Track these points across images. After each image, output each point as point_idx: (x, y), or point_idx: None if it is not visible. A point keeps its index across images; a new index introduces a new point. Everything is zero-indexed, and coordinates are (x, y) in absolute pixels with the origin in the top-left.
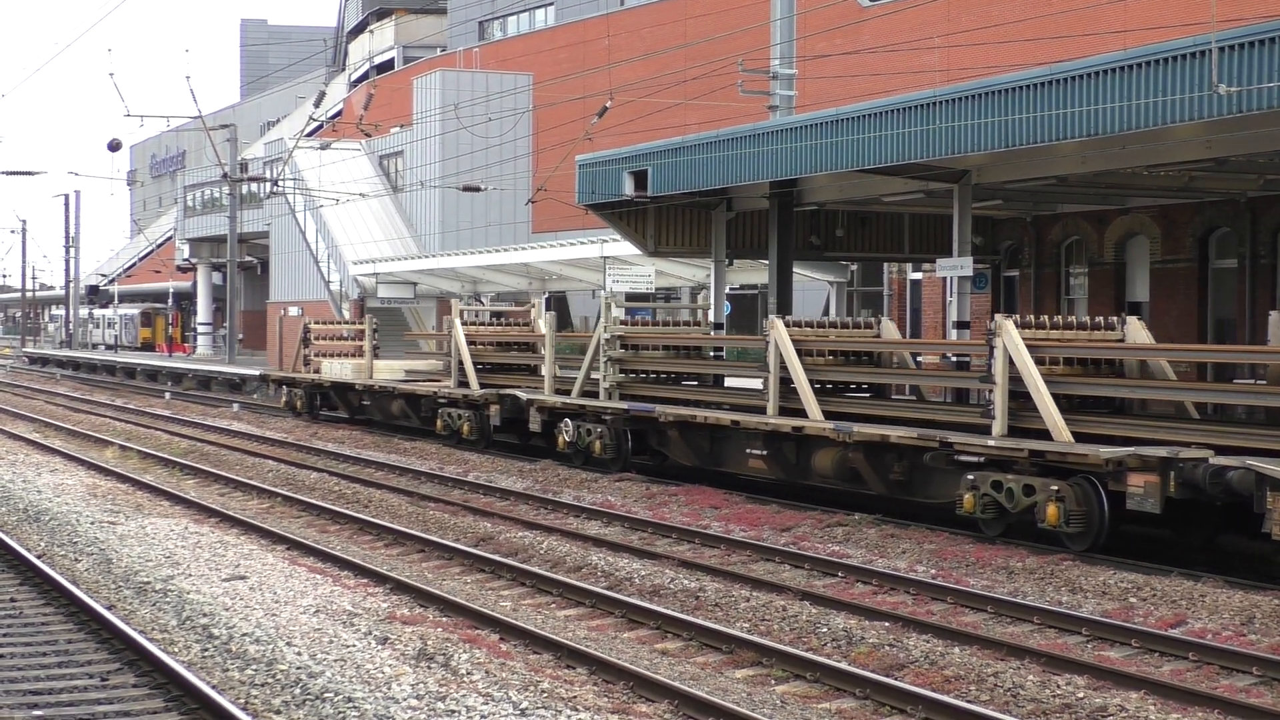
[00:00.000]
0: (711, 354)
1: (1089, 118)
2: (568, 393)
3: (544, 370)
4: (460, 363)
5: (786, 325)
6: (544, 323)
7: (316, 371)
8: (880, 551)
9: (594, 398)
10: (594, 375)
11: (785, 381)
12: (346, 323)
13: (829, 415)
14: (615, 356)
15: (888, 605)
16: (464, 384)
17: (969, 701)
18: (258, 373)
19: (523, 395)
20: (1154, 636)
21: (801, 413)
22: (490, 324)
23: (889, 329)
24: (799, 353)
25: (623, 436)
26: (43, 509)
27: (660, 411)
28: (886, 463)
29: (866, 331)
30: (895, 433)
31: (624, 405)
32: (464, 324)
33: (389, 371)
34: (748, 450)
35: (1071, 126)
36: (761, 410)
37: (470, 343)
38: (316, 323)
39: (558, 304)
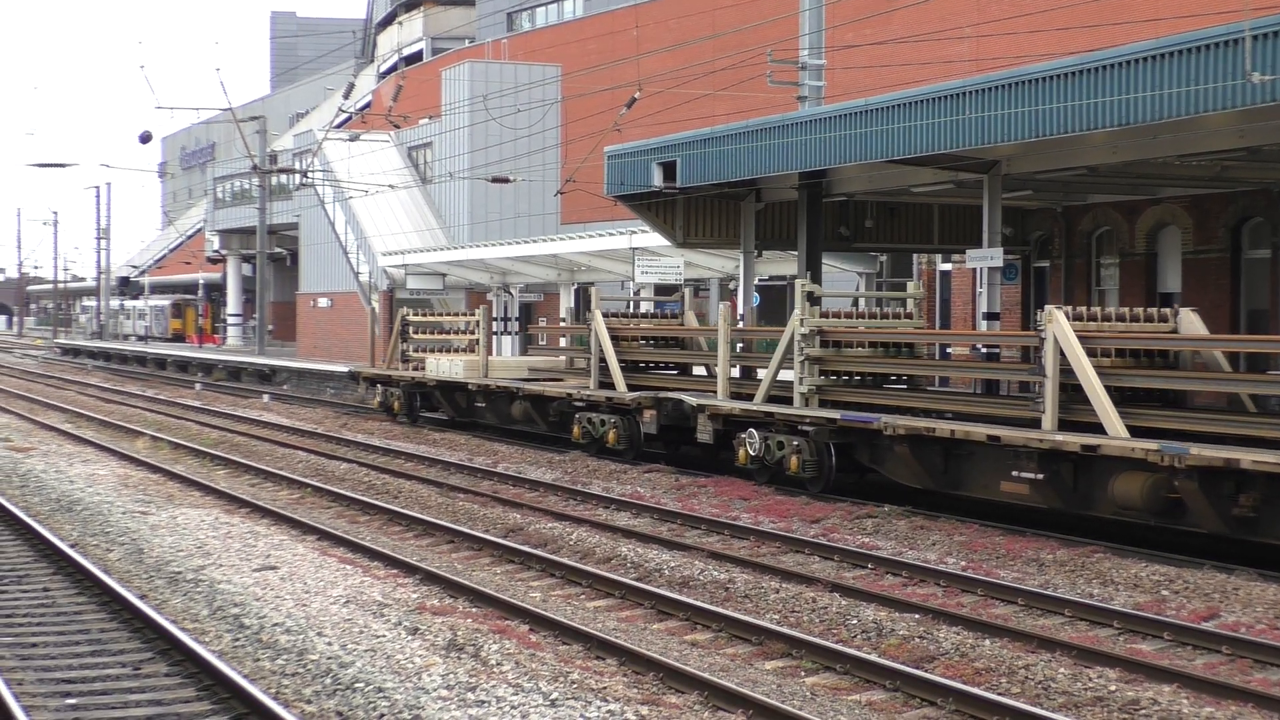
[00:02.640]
0: (927, 352)
1: (1120, 107)
2: (745, 396)
3: (716, 370)
4: (603, 361)
5: (1069, 317)
6: (720, 316)
7: (418, 369)
8: (910, 543)
9: (782, 403)
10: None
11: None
12: (453, 314)
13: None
14: (815, 355)
15: (918, 597)
16: (606, 385)
17: (1000, 694)
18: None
19: (691, 400)
20: (1187, 630)
21: (1087, 426)
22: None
23: (1189, 322)
24: (1086, 352)
25: (825, 451)
26: (75, 499)
27: (885, 423)
28: (1225, 493)
29: (1161, 326)
30: (1252, 457)
31: (831, 414)
32: (605, 316)
33: (505, 370)
34: (1012, 473)
35: (1102, 116)
36: (1023, 423)
37: (615, 338)
38: (416, 314)
39: (587, 295)
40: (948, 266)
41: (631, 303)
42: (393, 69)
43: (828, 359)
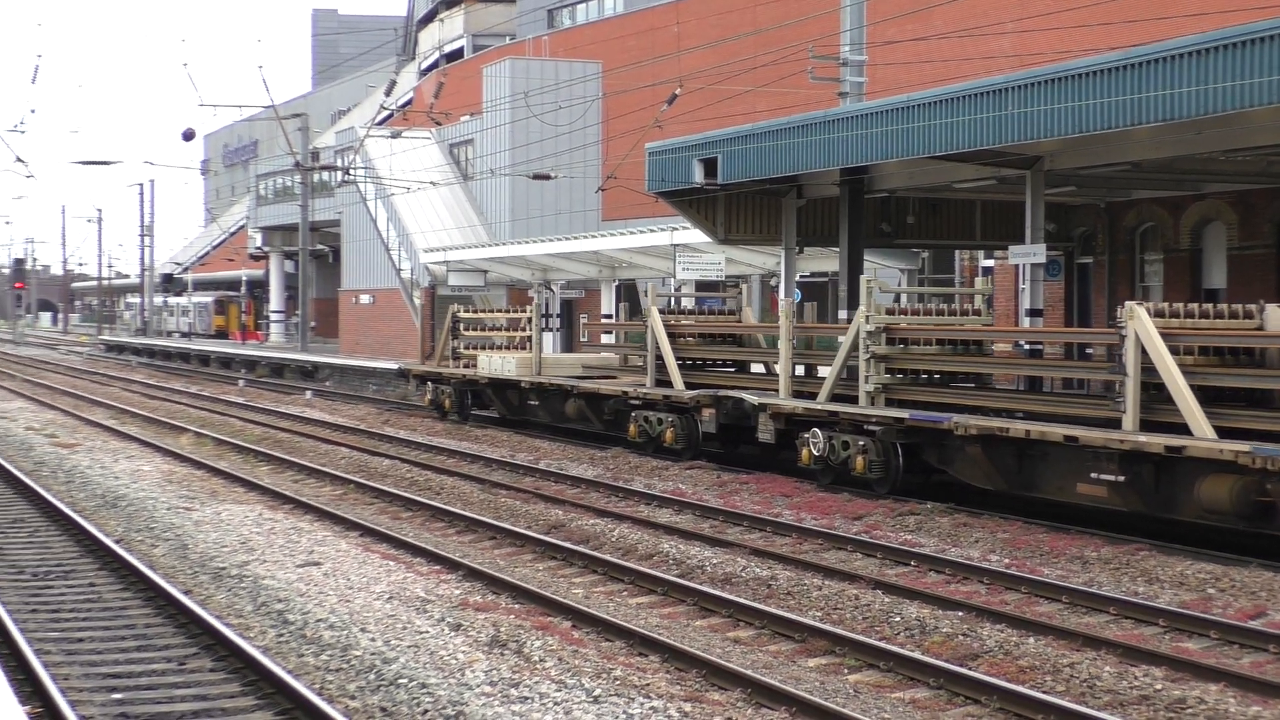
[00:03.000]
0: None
1: (1165, 102)
2: (807, 395)
3: (778, 368)
4: (660, 359)
5: (1151, 314)
6: (781, 312)
7: (469, 366)
8: (953, 540)
9: (846, 402)
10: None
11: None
12: (504, 310)
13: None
14: (881, 353)
15: (961, 594)
16: (663, 383)
17: (1044, 692)
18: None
19: (751, 398)
20: (1233, 628)
21: (1169, 427)
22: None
23: (1277, 318)
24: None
25: (892, 451)
26: (120, 495)
27: (956, 422)
28: None
29: (1247, 322)
30: None
31: (899, 413)
32: (662, 313)
33: (558, 367)
34: (1091, 474)
35: (1147, 111)
36: (1100, 423)
37: (671, 335)
38: (467, 310)
39: (628, 292)
40: (990, 263)
41: (672, 299)
42: (434, 66)
43: (894, 356)
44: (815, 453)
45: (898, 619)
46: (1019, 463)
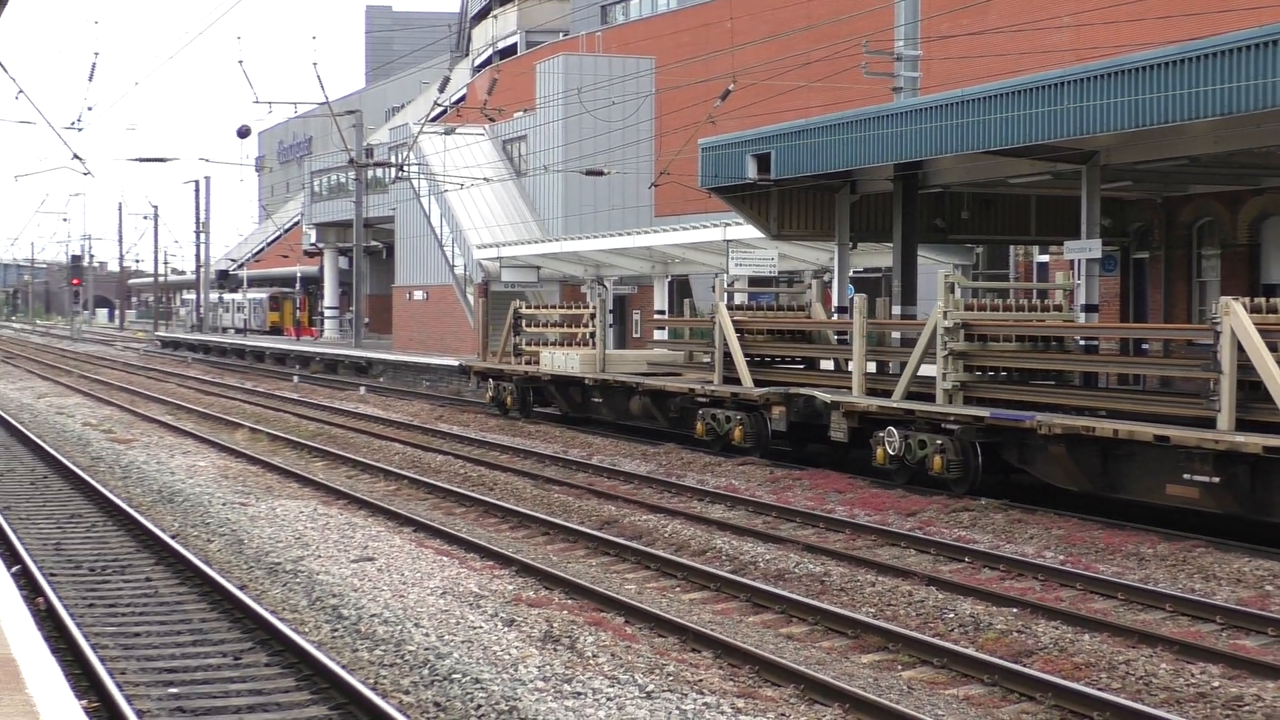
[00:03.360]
0: (1081, 343)
1: (1223, 96)
2: (880, 392)
3: (851, 365)
4: (727, 355)
5: (1248, 309)
6: (855, 308)
7: (531, 362)
8: (1007, 537)
9: (922, 400)
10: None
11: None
12: (564, 306)
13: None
14: (959, 350)
15: (1015, 591)
16: (730, 380)
17: (1100, 689)
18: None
19: (824, 396)
20: None
21: (1267, 426)
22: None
23: None
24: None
25: (971, 451)
26: (176, 490)
27: (1039, 421)
28: None
29: None
30: None
31: (979, 411)
32: (730, 308)
33: (623, 363)
34: (1183, 475)
35: (1204, 105)
36: (1190, 422)
37: (740, 332)
38: (529, 307)
39: (680, 288)
40: (1045, 258)
41: (727, 295)
42: (487, 62)
43: (973, 353)
44: (890, 452)
45: (951, 615)
46: (1104, 463)
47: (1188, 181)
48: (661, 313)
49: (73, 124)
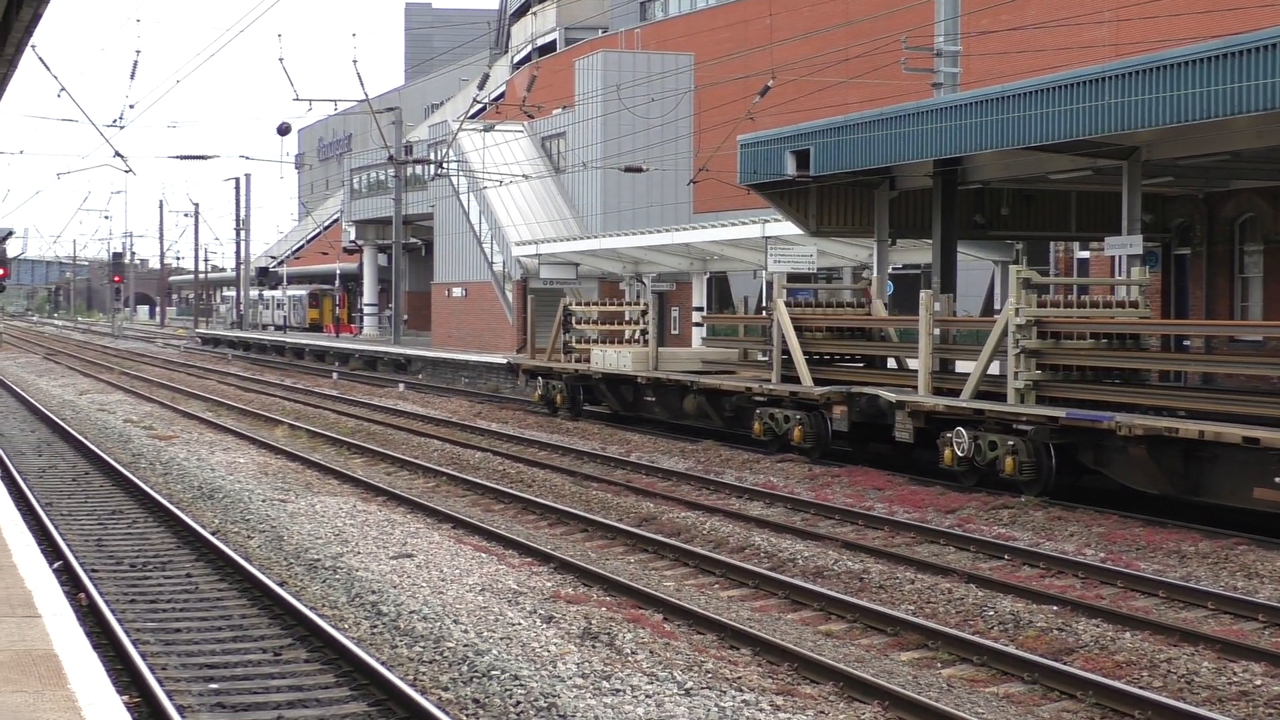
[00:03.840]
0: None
1: (1265, 91)
2: (944, 391)
3: (917, 364)
4: (785, 353)
5: None
6: (921, 305)
7: (581, 360)
8: (1047, 534)
9: (991, 400)
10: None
11: None
12: (616, 303)
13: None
14: (1031, 348)
15: (1056, 589)
16: (789, 379)
17: (1141, 688)
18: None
19: (888, 395)
20: None
21: None
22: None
23: None
24: None
25: (1044, 452)
26: (216, 486)
27: (1119, 422)
28: None
29: None
30: None
31: (1053, 412)
32: (787, 305)
33: (676, 362)
34: (1275, 479)
35: (1247, 100)
36: (1275, 423)
37: (799, 329)
38: (579, 303)
39: (719, 285)
40: (1085, 254)
41: (762, 293)
42: (526, 59)
43: (1045, 351)
44: (959, 453)
45: (991, 613)
46: (1185, 465)
47: (1229, 177)
48: (699, 309)
49: (114, 122)
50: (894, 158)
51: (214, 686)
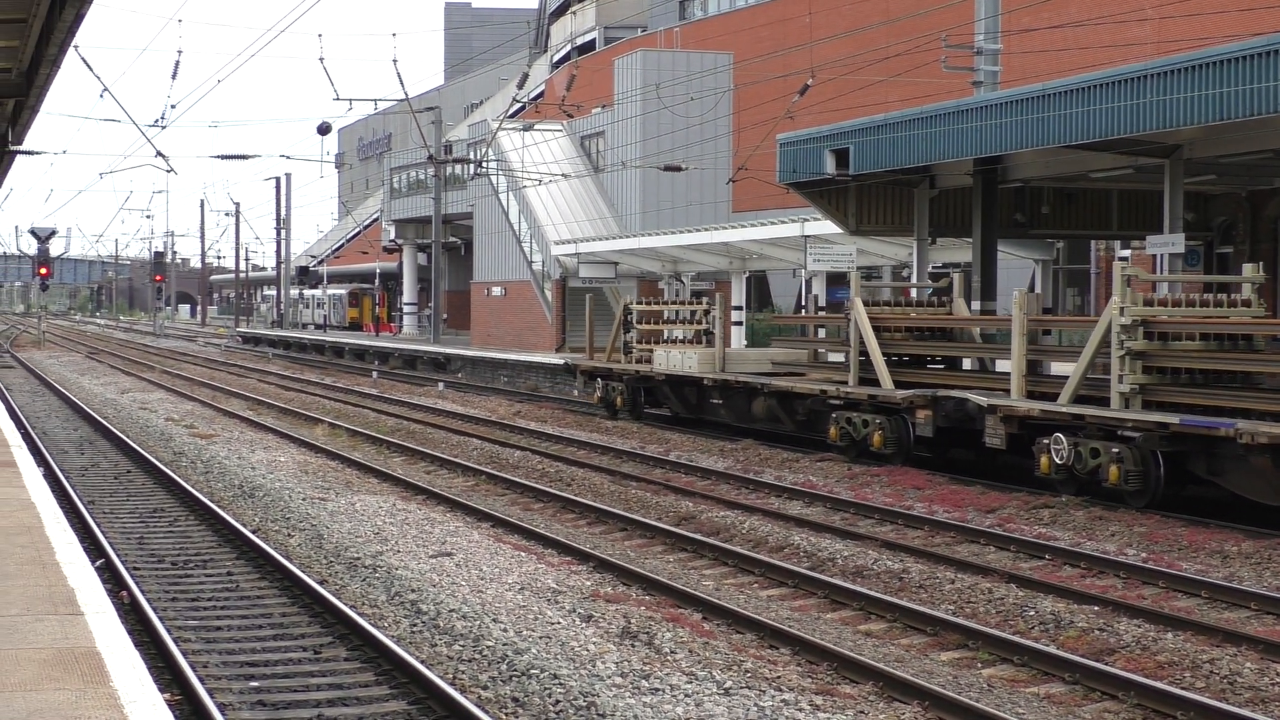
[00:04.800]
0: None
1: None
2: (1040, 395)
3: (1009, 365)
4: (864, 354)
5: None
6: (1015, 304)
7: (643, 361)
8: (1088, 534)
9: (1090, 404)
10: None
11: None
12: (677, 302)
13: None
14: (1138, 349)
15: (1097, 589)
16: (867, 381)
17: (1183, 688)
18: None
19: (979, 399)
20: None
21: None
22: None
23: None
24: None
25: (1152, 460)
26: (257, 485)
27: (1240, 430)
28: None
29: None
30: None
31: (1165, 417)
32: (866, 305)
33: (743, 362)
34: None
35: None
36: None
37: (878, 329)
38: (640, 302)
39: (757, 284)
40: (1126, 253)
41: (802, 292)
42: (566, 58)
43: (1152, 353)
44: (1058, 460)
45: (1032, 613)
46: None
47: (1273, 175)
48: (738, 308)
49: (156, 121)
50: (934, 156)
51: (254, 684)
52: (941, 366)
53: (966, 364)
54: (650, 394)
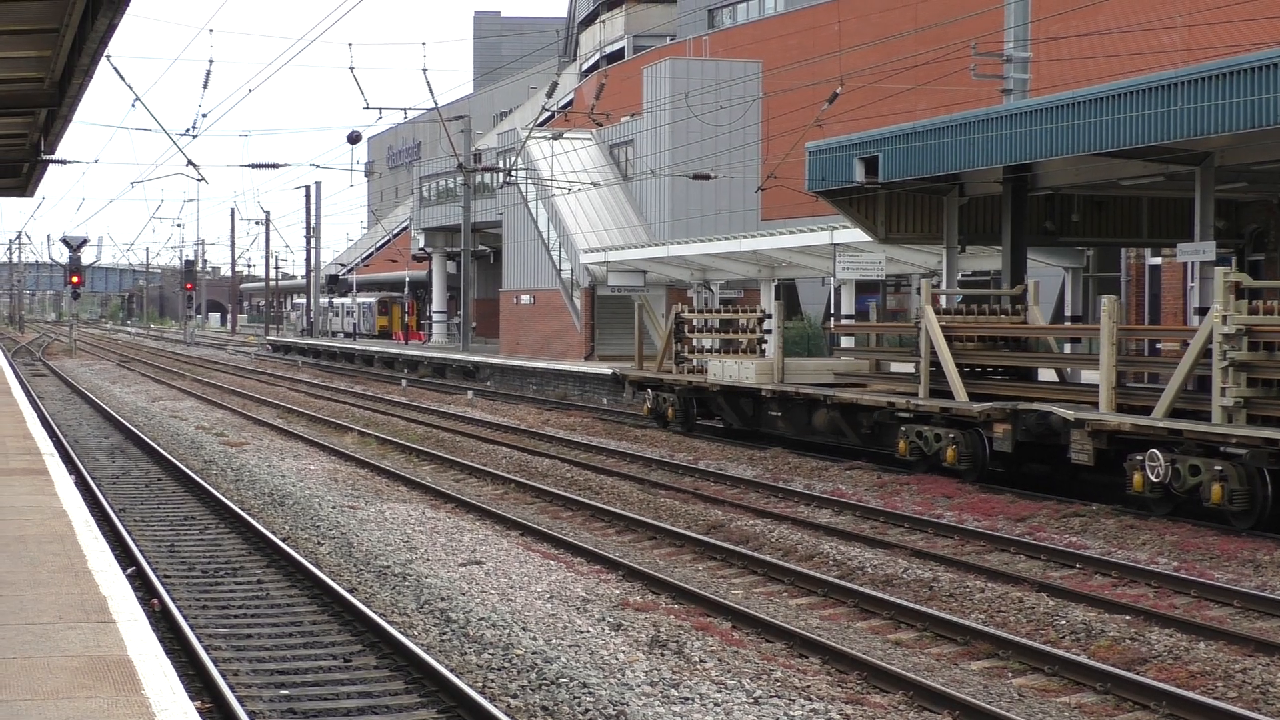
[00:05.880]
0: None
1: None
2: (1130, 409)
3: (1099, 377)
4: (935, 365)
5: None
6: (1104, 311)
7: (695, 371)
8: (1119, 543)
9: (1188, 418)
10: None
11: None
12: (731, 310)
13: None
14: (1241, 360)
15: (1128, 598)
16: (939, 393)
17: (1215, 698)
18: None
19: (1063, 412)
20: None
21: None
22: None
23: None
24: None
25: (1259, 479)
26: (287, 493)
27: None
28: None
29: None
30: None
31: (1272, 433)
32: (938, 311)
33: (803, 373)
34: None
35: None
36: None
37: (951, 338)
38: (692, 311)
39: (786, 292)
40: (1157, 261)
41: (830, 300)
42: (595, 67)
43: (1259, 364)
44: (1153, 479)
45: (1063, 622)
46: None
47: None
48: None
49: (187, 130)
50: (963, 164)
51: (285, 692)
52: (1004, 377)
53: (1043, 374)
54: (703, 405)
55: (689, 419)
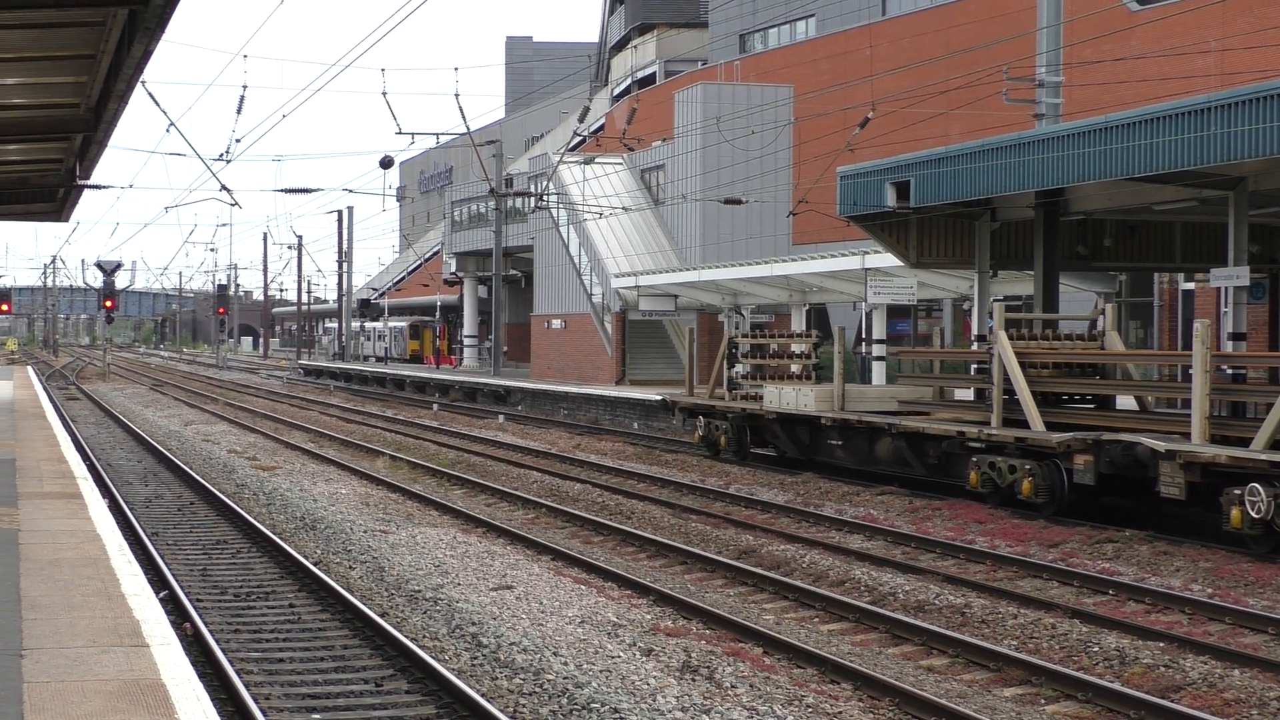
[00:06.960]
0: None
1: None
2: (1232, 440)
3: (1193, 407)
4: (1009, 392)
5: None
6: (1196, 337)
7: (749, 398)
8: (1153, 569)
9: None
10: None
11: None
12: (783, 335)
13: None
14: None
15: (1162, 625)
16: (1012, 422)
17: None
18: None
19: (1152, 443)
20: None
21: None
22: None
23: None
24: None
25: None
26: (319, 517)
27: None
28: None
29: None
30: None
31: None
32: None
33: (863, 400)
34: None
35: None
36: None
37: (1025, 364)
38: (745, 335)
39: (817, 316)
40: (1190, 286)
41: (861, 325)
42: (626, 92)
43: None
44: (1253, 514)
45: (1096, 649)
46: None
47: None
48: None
49: (221, 156)
50: (995, 189)
51: (316, 717)
52: (1081, 405)
53: (1121, 402)
54: (756, 433)
55: (743, 447)
